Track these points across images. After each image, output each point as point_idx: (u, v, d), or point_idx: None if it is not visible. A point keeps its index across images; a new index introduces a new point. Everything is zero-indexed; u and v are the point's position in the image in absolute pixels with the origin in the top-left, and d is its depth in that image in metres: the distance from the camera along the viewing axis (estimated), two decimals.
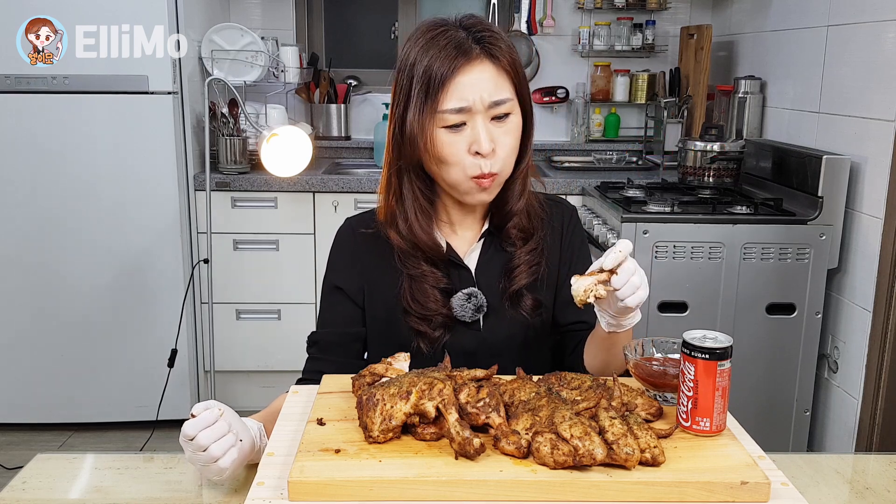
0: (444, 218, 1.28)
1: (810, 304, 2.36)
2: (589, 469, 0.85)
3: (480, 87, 1.13)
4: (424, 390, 0.92)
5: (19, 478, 1.08)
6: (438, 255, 1.24)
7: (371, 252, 1.27)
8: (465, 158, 1.15)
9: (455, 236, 1.28)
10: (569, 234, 1.32)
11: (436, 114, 1.13)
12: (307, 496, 0.83)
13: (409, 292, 1.23)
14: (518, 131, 1.18)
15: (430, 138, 1.14)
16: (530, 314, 1.26)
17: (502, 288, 1.25)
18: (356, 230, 1.30)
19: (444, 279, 1.23)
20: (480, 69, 1.14)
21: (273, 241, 2.96)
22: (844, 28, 2.37)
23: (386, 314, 1.26)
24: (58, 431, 2.92)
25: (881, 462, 1.20)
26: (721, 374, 0.94)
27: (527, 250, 1.26)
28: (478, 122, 1.14)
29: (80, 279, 2.83)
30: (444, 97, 1.13)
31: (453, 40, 1.14)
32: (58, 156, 2.73)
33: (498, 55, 1.15)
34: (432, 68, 1.12)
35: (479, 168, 1.15)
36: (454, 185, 1.18)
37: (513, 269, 1.26)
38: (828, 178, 2.30)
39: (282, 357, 3.05)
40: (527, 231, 1.27)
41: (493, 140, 1.14)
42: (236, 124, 2.98)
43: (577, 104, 3.52)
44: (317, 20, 3.65)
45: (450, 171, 1.17)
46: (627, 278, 1.02)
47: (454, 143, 1.14)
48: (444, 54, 1.13)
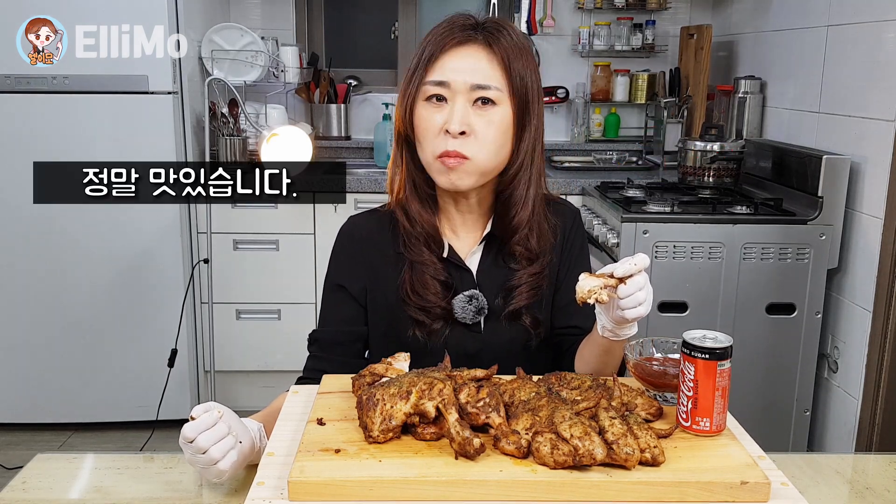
0: (445, 219, 1.28)
1: (810, 304, 2.36)
2: (589, 469, 0.85)
3: (466, 67, 1.15)
4: (424, 390, 0.92)
5: (19, 478, 1.08)
6: (436, 238, 1.24)
7: (374, 249, 1.28)
8: (437, 137, 1.16)
9: (456, 238, 1.28)
10: (570, 239, 1.31)
11: (420, 86, 1.16)
12: (307, 496, 0.83)
13: (409, 283, 1.23)
14: (504, 125, 1.17)
15: (411, 110, 1.18)
16: (531, 330, 1.26)
17: (501, 304, 1.25)
18: (359, 228, 1.30)
19: (444, 272, 1.24)
20: (473, 52, 1.16)
21: (273, 241, 2.96)
22: (844, 28, 2.37)
23: (387, 310, 1.26)
24: (58, 431, 2.92)
25: (881, 462, 1.20)
26: (721, 374, 0.94)
27: (530, 272, 1.25)
28: (457, 102, 1.15)
29: (81, 279, 2.83)
30: (430, 70, 1.16)
31: (459, 25, 1.18)
32: (58, 156, 2.73)
33: (494, 46, 1.16)
34: (430, 44, 1.17)
35: (445, 145, 1.15)
36: (426, 165, 1.20)
37: (513, 287, 1.25)
38: (828, 178, 2.30)
39: (282, 357, 3.05)
40: (533, 253, 1.25)
41: (469, 124, 1.15)
42: (236, 124, 2.98)
43: (577, 104, 3.52)
44: (317, 20, 3.65)
45: (423, 148, 1.19)
46: (633, 291, 1.02)
47: (430, 118, 1.16)
48: (445, 34, 1.17)
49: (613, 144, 3.54)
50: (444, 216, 1.28)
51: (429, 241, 1.24)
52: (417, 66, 1.17)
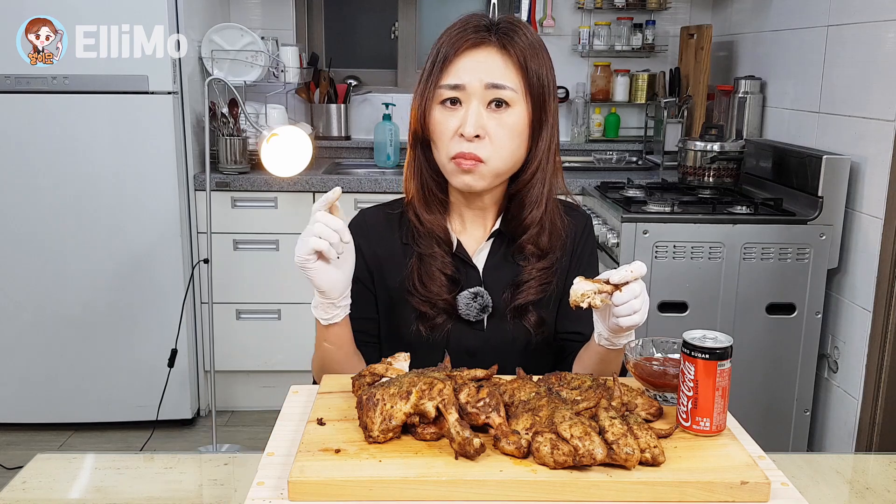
0: (455, 214, 1.28)
1: (810, 304, 2.36)
2: (589, 469, 0.85)
3: (481, 68, 1.15)
4: (424, 390, 0.92)
5: (19, 478, 1.08)
6: (446, 239, 1.24)
7: (379, 242, 1.28)
8: (452, 139, 1.16)
9: (465, 233, 1.28)
10: (580, 245, 1.31)
11: (435, 89, 1.16)
12: (307, 496, 0.83)
13: (416, 273, 1.23)
14: (518, 127, 1.17)
15: (427, 114, 1.17)
16: (533, 329, 1.25)
17: (507, 298, 1.25)
18: (367, 220, 1.31)
19: (452, 266, 1.24)
20: (487, 53, 1.16)
21: (273, 241, 2.96)
22: (844, 28, 2.37)
23: (390, 303, 1.27)
24: (58, 431, 2.92)
25: (881, 462, 1.20)
26: (721, 374, 0.94)
27: (539, 267, 1.25)
28: (472, 104, 1.14)
29: (81, 279, 2.83)
30: (445, 73, 1.16)
31: (473, 26, 1.17)
32: (58, 156, 2.73)
33: (510, 47, 1.15)
34: (444, 46, 1.16)
35: (460, 147, 1.15)
36: (441, 166, 1.20)
37: (521, 282, 1.24)
38: (828, 178, 2.30)
39: (282, 357, 3.05)
40: (543, 250, 1.25)
41: (484, 126, 1.14)
42: (236, 124, 2.98)
43: (577, 104, 3.52)
44: (317, 20, 3.65)
45: (438, 151, 1.19)
46: (628, 299, 1.02)
47: (445, 121, 1.16)
48: (459, 35, 1.16)
49: (613, 144, 3.54)
50: (455, 213, 1.28)
51: (439, 240, 1.24)
52: (432, 69, 1.17)
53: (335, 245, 1.05)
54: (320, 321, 1.16)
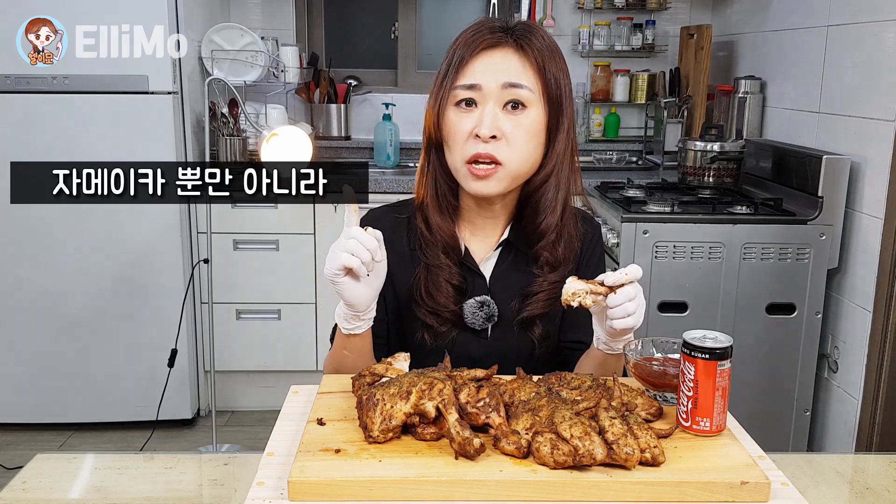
0: (465, 220, 1.26)
1: (810, 304, 2.36)
2: (589, 469, 0.85)
3: (498, 68, 1.14)
4: (424, 390, 0.92)
5: (19, 478, 1.08)
6: (454, 247, 1.23)
7: (390, 243, 1.26)
8: (467, 141, 1.14)
9: (474, 240, 1.27)
10: (588, 253, 1.30)
11: (451, 90, 1.15)
12: (307, 496, 0.83)
13: (423, 284, 1.22)
14: (535, 129, 1.16)
15: (441, 116, 1.16)
16: (538, 341, 1.25)
17: (515, 308, 1.24)
18: (376, 223, 1.29)
19: (459, 276, 1.23)
20: (504, 54, 1.15)
21: (273, 241, 2.96)
22: (844, 28, 2.37)
23: (395, 309, 1.26)
24: (58, 431, 2.92)
25: (881, 462, 1.20)
26: (721, 374, 0.94)
27: (550, 280, 1.23)
28: (487, 105, 1.13)
29: (81, 279, 2.83)
30: (460, 74, 1.14)
31: (489, 27, 1.16)
32: (58, 155, 2.73)
33: (526, 48, 1.15)
34: (460, 47, 1.15)
35: (476, 148, 1.13)
36: (454, 170, 1.18)
37: (531, 294, 1.23)
38: (828, 178, 2.30)
39: (282, 357, 3.05)
40: (557, 261, 1.24)
41: (500, 128, 1.13)
42: (236, 124, 2.98)
43: (577, 104, 3.52)
44: (317, 20, 3.65)
45: (452, 153, 1.17)
46: (622, 302, 1.02)
47: (460, 122, 1.14)
48: (475, 36, 1.15)
49: (613, 144, 3.54)
50: (465, 219, 1.26)
51: (447, 248, 1.23)
52: (448, 71, 1.15)
53: (367, 264, 1.04)
54: (342, 329, 1.15)
